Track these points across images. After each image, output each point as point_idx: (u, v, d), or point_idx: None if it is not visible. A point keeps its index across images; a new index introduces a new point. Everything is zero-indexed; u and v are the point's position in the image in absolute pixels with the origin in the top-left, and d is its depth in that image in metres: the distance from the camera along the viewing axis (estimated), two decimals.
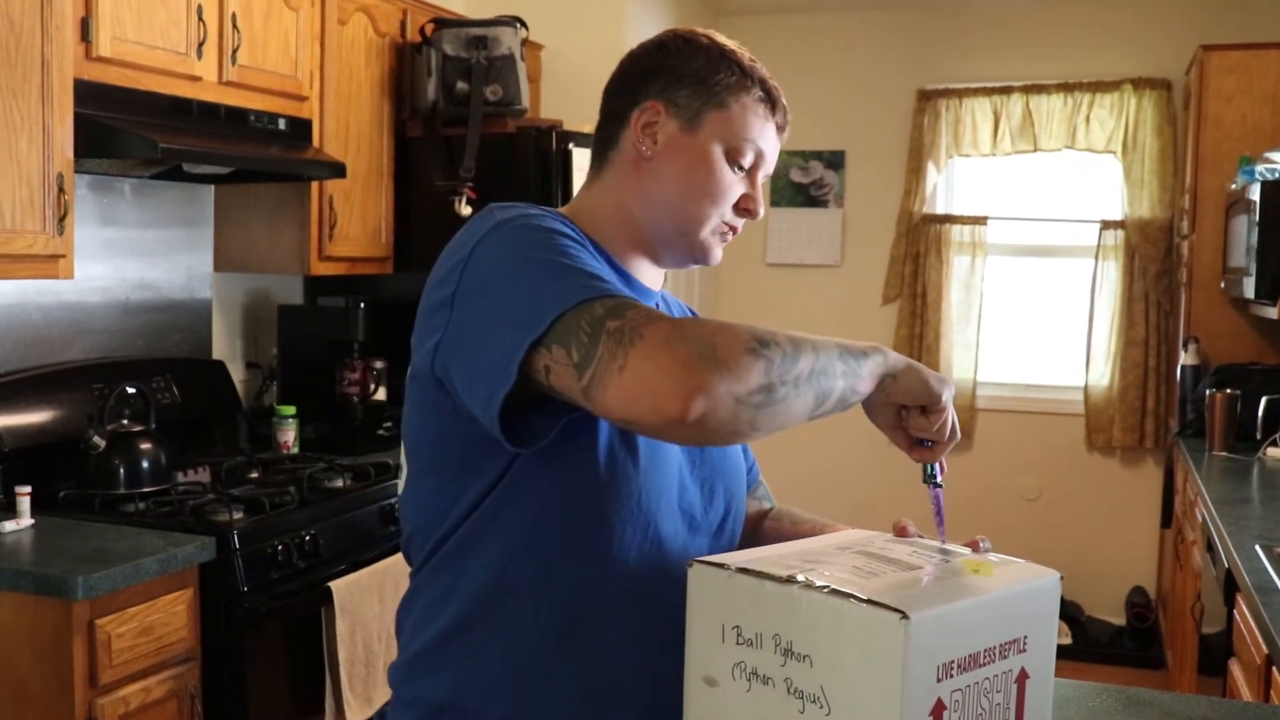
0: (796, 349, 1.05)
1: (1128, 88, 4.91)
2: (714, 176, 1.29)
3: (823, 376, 1.07)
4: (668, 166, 1.29)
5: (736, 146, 1.29)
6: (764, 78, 1.32)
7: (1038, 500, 5.22)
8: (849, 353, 1.11)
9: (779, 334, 1.06)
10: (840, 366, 1.09)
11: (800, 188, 5.47)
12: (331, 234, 3.37)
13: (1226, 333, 4.35)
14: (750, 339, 1.03)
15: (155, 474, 2.82)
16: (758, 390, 1.02)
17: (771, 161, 1.33)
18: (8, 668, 2.26)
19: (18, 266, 2.46)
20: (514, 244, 1.15)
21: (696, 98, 1.29)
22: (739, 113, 1.29)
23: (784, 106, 1.34)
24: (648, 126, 1.30)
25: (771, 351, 1.03)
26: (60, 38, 2.49)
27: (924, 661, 0.99)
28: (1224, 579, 2.70)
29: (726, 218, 1.31)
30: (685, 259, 1.34)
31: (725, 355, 1.01)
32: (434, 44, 3.56)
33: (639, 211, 1.31)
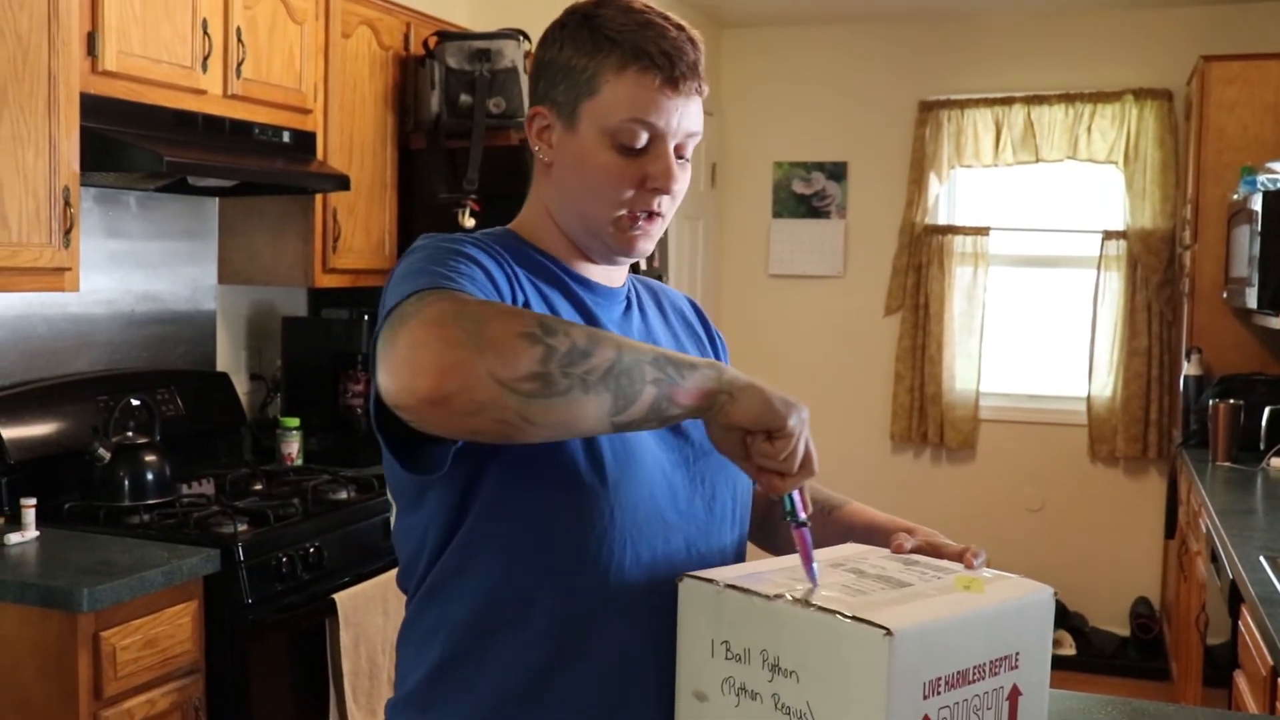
0: (593, 343, 0.99)
1: (1129, 98, 4.92)
2: (600, 169, 1.21)
3: (624, 378, 1.00)
4: (562, 169, 1.24)
5: (618, 129, 1.19)
6: (639, 40, 1.19)
7: (1041, 511, 5.22)
8: (670, 361, 1.04)
9: (576, 327, 1.00)
10: (652, 372, 1.02)
11: (802, 199, 5.48)
12: (335, 246, 3.37)
13: (1229, 343, 4.36)
14: (532, 324, 0.98)
15: (160, 486, 2.82)
16: (529, 377, 0.96)
17: (675, 126, 1.21)
18: (12, 680, 2.26)
19: (24, 279, 2.47)
20: (403, 269, 1.13)
21: (569, 91, 1.22)
22: (613, 94, 1.19)
23: (670, 54, 1.19)
24: (541, 133, 1.25)
25: (555, 340, 0.97)
26: (67, 52, 2.50)
27: (909, 678, 0.99)
28: (1229, 590, 2.70)
29: (632, 206, 1.22)
30: (607, 256, 1.28)
31: (495, 335, 0.96)
32: (437, 57, 3.57)
33: (557, 216, 1.27)
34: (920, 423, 5.30)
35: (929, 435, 5.29)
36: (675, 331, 1.39)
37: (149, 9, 2.71)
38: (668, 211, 1.26)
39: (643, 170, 1.21)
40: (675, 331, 1.39)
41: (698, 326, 1.44)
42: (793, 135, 5.49)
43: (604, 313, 1.28)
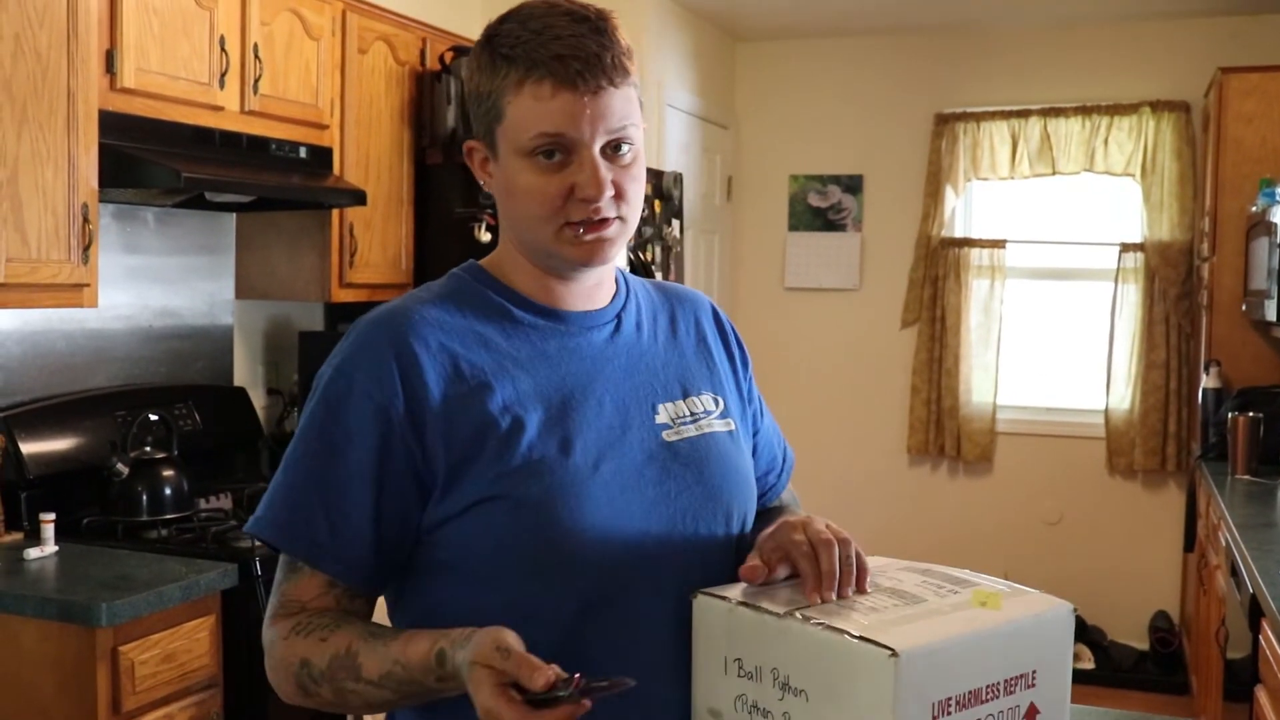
0: (340, 702, 1.16)
1: (1146, 110, 4.91)
2: (526, 192, 1.18)
3: (384, 708, 1.18)
4: (500, 198, 1.24)
5: (529, 147, 1.16)
6: (530, 50, 1.14)
7: (1059, 524, 5.19)
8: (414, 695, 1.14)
9: (322, 689, 1.16)
10: (405, 703, 1.17)
11: (818, 212, 5.48)
12: (352, 261, 3.39)
13: (1248, 355, 4.33)
14: (295, 690, 1.18)
15: (178, 501, 2.83)
16: (323, 709, 1.20)
17: (586, 130, 1.15)
18: (32, 694, 2.27)
19: (43, 295, 2.49)
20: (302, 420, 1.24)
21: (483, 121, 1.20)
22: (516, 114, 1.16)
23: (567, 59, 1.13)
24: (482, 165, 1.24)
25: (315, 699, 1.17)
26: (85, 70, 2.53)
27: (916, 699, 0.98)
28: (1249, 604, 2.68)
29: (569, 217, 1.17)
30: (570, 269, 1.24)
31: (281, 685, 1.20)
32: (453, 72, 3.59)
33: (516, 242, 1.26)
34: (937, 435, 5.28)
35: (946, 448, 5.27)
36: (682, 349, 1.34)
37: (167, 27, 2.74)
38: (625, 213, 1.21)
39: (568, 180, 1.16)
40: (682, 349, 1.34)
41: (712, 338, 1.39)
42: (808, 148, 5.49)
43: (571, 341, 1.25)
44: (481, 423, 1.16)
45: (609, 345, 1.27)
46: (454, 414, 1.16)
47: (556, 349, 1.23)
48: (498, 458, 1.16)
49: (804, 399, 5.45)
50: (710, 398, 1.32)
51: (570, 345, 1.24)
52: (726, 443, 1.30)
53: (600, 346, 1.26)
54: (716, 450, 1.28)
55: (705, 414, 1.30)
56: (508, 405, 1.17)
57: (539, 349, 1.22)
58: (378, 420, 1.16)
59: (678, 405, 1.28)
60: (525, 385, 1.19)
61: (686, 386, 1.31)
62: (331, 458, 1.18)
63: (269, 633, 1.21)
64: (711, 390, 1.33)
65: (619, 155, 1.18)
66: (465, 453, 1.16)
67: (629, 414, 1.23)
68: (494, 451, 1.16)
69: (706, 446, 1.27)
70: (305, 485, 1.20)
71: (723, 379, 1.36)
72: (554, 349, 1.23)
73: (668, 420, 1.26)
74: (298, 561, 1.20)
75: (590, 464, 1.18)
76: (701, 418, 1.29)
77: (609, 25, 1.17)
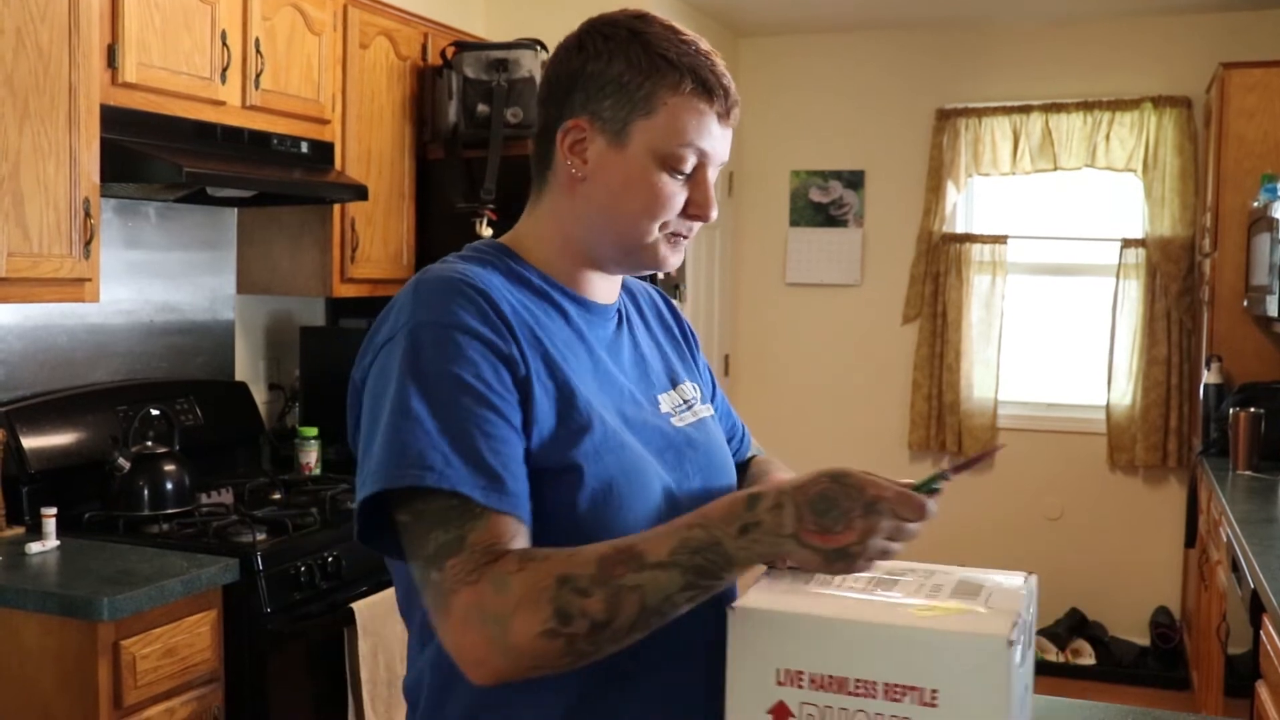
0: (613, 608, 1.03)
1: (1148, 106, 4.91)
2: (650, 191, 1.19)
3: (656, 615, 1.05)
4: (600, 187, 1.21)
5: (671, 154, 1.18)
6: (695, 66, 1.19)
7: (1060, 520, 5.19)
8: (703, 569, 1.04)
9: (592, 598, 1.02)
10: (685, 595, 1.05)
11: (820, 207, 5.48)
12: (353, 256, 3.39)
13: (1250, 351, 4.33)
14: (549, 618, 1.02)
15: (179, 496, 2.84)
16: (565, 660, 1.04)
17: (719, 155, 1.22)
18: (33, 689, 2.27)
19: (45, 290, 2.49)
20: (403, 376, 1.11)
21: (621, 108, 1.18)
22: (670, 117, 1.18)
23: (726, 87, 1.21)
24: (575, 146, 1.21)
25: (574, 626, 1.02)
26: (87, 65, 2.53)
27: (754, 656, 1.05)
28: (1250, 599, 2.68)
29: (672, 227, 1.22)
30: (634, 270, 1.29)
31: (519, 641, 1.03)
32: (455, 67, 3.58)
33: (580, 233, 1.24)
34: (938, 431, 5.28)
35: (947, 444, 5.27)
36: (659, 340, 1.39)
37: (168, 21, 2.74)
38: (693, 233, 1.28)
39: (686, 195, 1.22)
40: (659, 340, 1.39)
41: (672, 324, 1.44)
42: (810, 144, 5.49)
43: (595, 331, 1.27)
44: (559, 391, 1.17)
45: (617, 338, 1.31)
46: (539, 375, 1.16)
47: (590, 335, 1.26)
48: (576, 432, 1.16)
49: (805, 395, 5.45)
50: (692, 385, 1.38)
51: (597, 334, 1.28)
52: (714, 426, 1.37)
53: (613, 337, 1.31)
54: (712, 434, 1.35)
55: (694, 400, 1.36)
56: (568, 379, 1.18)
57: (577, 333, 1.25)
58: (500, 362, 1.13)
59: (672, 395, 1.33)
60: (575, 365, 1.21)
61: (674, 376, 1.36)
62: (476, 406, 1.10)
63: (476, 589, 1.04)
64: (690, 378, 1.39)
65: None
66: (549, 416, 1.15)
67: (642, 404, 1.28)
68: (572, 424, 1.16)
69: (705, 431, 1.33)
70: (465, 437, 1.08)
71: (691, 365, 1.43)
72: (588, 335, 1.26)
73: (669, 409, 1.31)
74: (471, 507, 1.07)
75: (642, 445, 1.22)
76: (694, 404, 1.35)
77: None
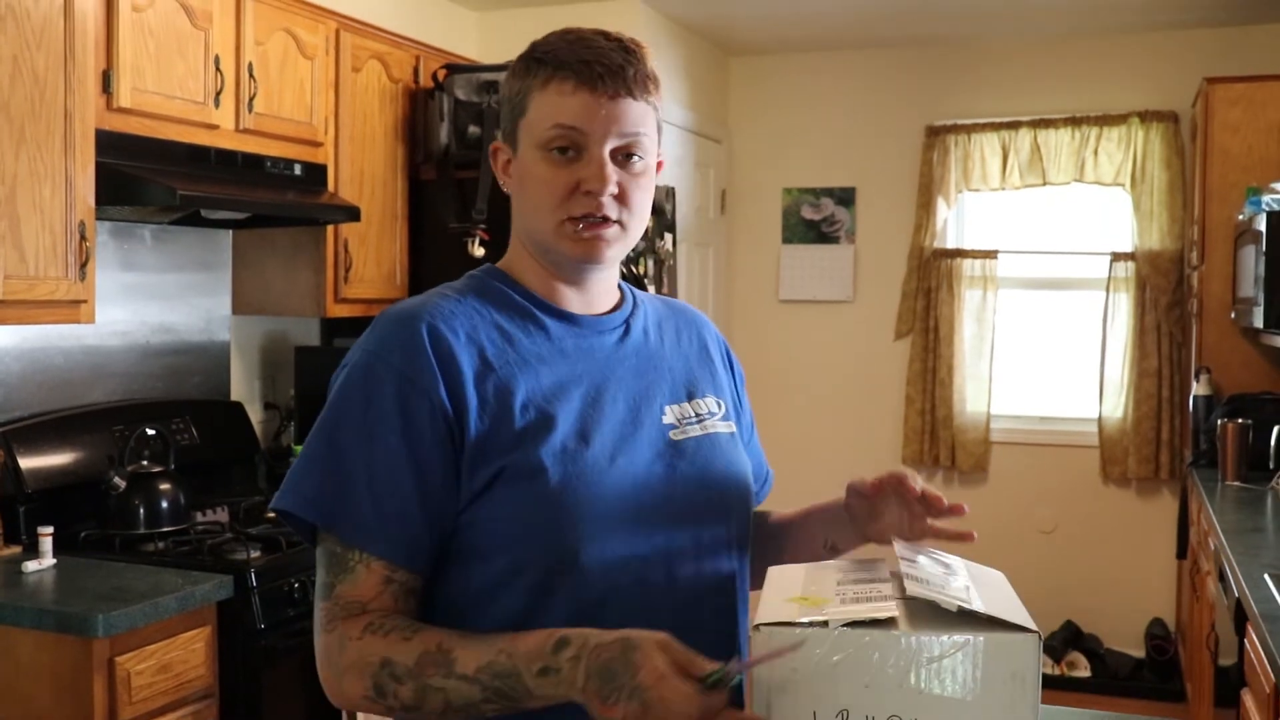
0: (419, 701, 1.13)
1: (1135, 120, 4.95)
2: (537, 181, 1.26)
3: (462, 714, 1.13)
4: (515, 194, 1.31)
5: (544, 139, 1.24)
6: (560, 54, 1.24)
7: (1053, 533, 5.21)
8: (505, 695, 1.11)
9: (404, 686, 1.14)
10: (491, 707, 1.12)
11: (811, 224, 5.52)
12: (347, 276, 3.42)
13: (1238, 362, 4.36)
14: (369, 689, 1.15)
15: (174, 514, 2.86)
16: (381, 714, 1.18)
17: (608, 127, 1.24)
18: (30, 705, 2.30)
19: (41, 312, 2.52)
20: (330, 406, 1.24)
21: (510, 118, 1.29)
22: (538, 108, 1.25)
23: (593, 63, 1.23)
24: (504, 166, 1.32)
25: (389, 701, 1.15)
26: (82, 90, 2.57)
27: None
28: (1234, 609, 2.70)
29: (571, 211, 1.25)
30: (571, 268, 1.30)
31: (349, 695, 1.17)
32: (446, 89, 3.63)
33: (525, 243, 1.33)
34: (932, 446, 5.31)
35: (940, 458, 5.30)
36: (686, 355, 1.41)
37: (162, 47, 2.78)
38: (627, 220, 1.27)
39: (576, 175, 1.24)
40: (686, 355, 1.41)
41: (714, 351, 1.47)
42: (801, 161, 5.53)
43: (584, 342, 1.31)
44: (508, 410, 1.21)
45: (619, 348, 1.34)
46: (485, 399, 1.21)
47: (573, 348, 1.30)
48: (523, 444, 1.20)
49: (799, 411, 5.47)
50: (713, 400, 1.39)
51: (584, 346, 1.31)
52: (728, 443, 1.37)
53: (611, 349, 1.33)
54: (719, 449, 1.35)
55: (709, 415, 1.37)
56: (531, 396, 1.23)
57: (557, 347, 1.29)
58: (417, 403, 1.19)
59: (683, 406, 1.35)
60: (546, 379, 1.25)
61: (691, 389, 1.38)
62: (372, 441, 1.19)
63: (329, 637, 1.18)
64: (714, 394, 1.40)
65: (629, 163, 1.27)
66: (494, 437, 1.20)
67: (639, 413, 1.29)
68: (520, 438, 1.21)
69: (711, 446, 1.34)
70: (347, 469, 1.19)
71: (723, 387, 1.44)
72: (570, 348, 1.29)
73: (674, 420, 1.32)
74: (348, 555, 1.18)
75: (607, 457, 1.24)
76: (706, 418, 1.36)
77: (639, 50, 1.28)
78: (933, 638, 1.03)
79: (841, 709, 1.04)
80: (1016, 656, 1.02)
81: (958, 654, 1.02)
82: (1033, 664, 1.02)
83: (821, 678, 1.04)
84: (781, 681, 1.05)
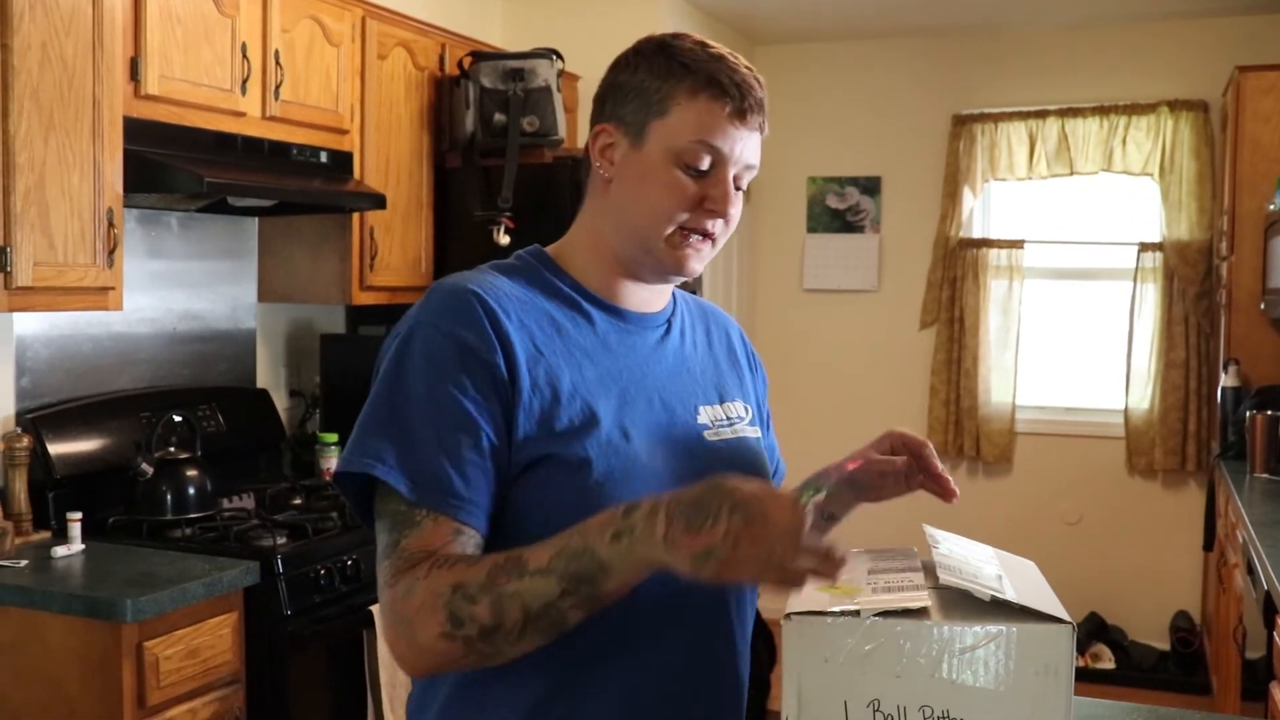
0: (497, 616, 1.09)
1: (1164, 110, 4.90)
2: (661, 185, 1.25)
3: (543, 620, 1.09)
4: (623, 186, 1.28)
5: (684, 150, 1.24)
6: (712, 69, 1.25)
7: (1079, 524, 5.18)
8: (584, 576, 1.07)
9: (479, 605, 1.09)
10: (568, 600, 1.08)
11: (836, 213, 5.50)
12: (372, 264, 3.43)
13: (1267, 354, 4.32)
14: (444, 621, 1.10)
15: (201, 500, 2.88)
16: (464, 659, 1.12)
17: (738, 154, 1.26)
18: (58, 689, 2.32)
19: (69, 299, 2.54)
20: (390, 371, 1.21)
21: (640, 111, 1.26)
22: (682, 116, 1.24)
23: (740, 85, 1.25)
24: (604, 150, 1.30)
25: (466, 630, 1.10)
26: (110, 78, 2.57)
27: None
28: (1264, 602, 2.68)
29: (685, 224, 1.26)
30: (659, 273, 1.31)
31: (422, 642, 1.12)
32: (472, 77, 3.62)
33: (609, 234, 1.31)
34: (956, 436, 5.29)
35: (965, 449, 5.27)
36: (717, 357, 1.43)
37: (190, 34, 2.78)
38: (720, 236, 1.29)
39: (703, 192, 1.25)
40: (717, 357, 1.43)
41: (740, 354, 1.48)
42: (826, 150, 5.51)
43: (629, 339, 1.31)
44: (557, 397, 1.21)
45: (659, 347, 1.34)
46: (536, 382, 1.21)
47: (617, 343, 1.30)
48: (569, 434, 1.20)
49: (823, 400, 5.46)
50: (742, 405, 1.41)
51: (628, 342, 1.31)
52: (756, 447, 1.39)
53: (652, 347, 1.34)
54: (749, 452, 1.37)
55: (739, 419, 1.38)
56: (577, 388, 1.23)
57: (601, 340, 1.29)
58: (478, 367, 1.18)
59: (716, 409, 1.36)
60: (590, 372, 1.25)
61: (723, 392, 1.39)
62: (436, 400, 1.17)
63: (393, 591, 1.14)
64: (743, 398, 1.42)
65: (738, 190, 1.28)
66: (543, 422, 1.20)
67: (675, 412, 1.30)
68: (566, 428, 1.20)
69: (741, 448, 1.35)
70: (411, 427, 1.17)
71: (749, 391, 1.46)
72: (614, 343, 1.30)
73: (708, 421, 1.33)
74: (414, 512, 1.15)
75: (647, 453, 1.24)
76: (736, 422, 1.37)
77: (764, 82, 1.29)
78: (965, 628, 1.02)
79: (872, 699, 1.03)
80: (1049, 648, 1.01)
81: (990, 644, 1.01)
82: (1066, 656, 1.01)
83: (852, 667, 1.03)
84: (812, 672, 1.04)
